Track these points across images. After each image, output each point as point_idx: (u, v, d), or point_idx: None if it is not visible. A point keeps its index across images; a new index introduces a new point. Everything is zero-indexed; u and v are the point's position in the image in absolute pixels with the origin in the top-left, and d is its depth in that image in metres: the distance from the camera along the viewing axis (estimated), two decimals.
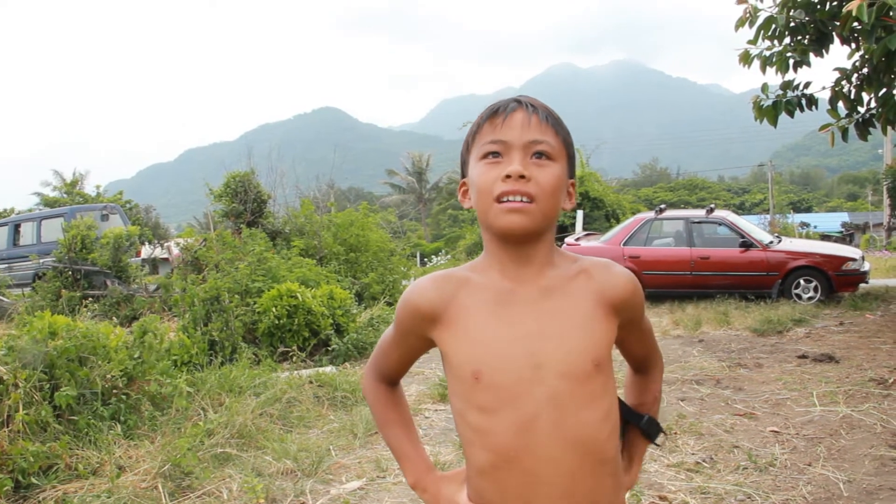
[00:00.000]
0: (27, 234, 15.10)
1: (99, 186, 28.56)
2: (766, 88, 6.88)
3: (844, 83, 6.75)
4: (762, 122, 6.88)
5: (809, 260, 9.14)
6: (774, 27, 6.42)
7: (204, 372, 5.17)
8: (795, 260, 9.18)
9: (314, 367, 6.13)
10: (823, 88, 6.81)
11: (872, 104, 6.79)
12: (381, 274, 10.54)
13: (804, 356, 5.93)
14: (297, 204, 12.56)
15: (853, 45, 6.40)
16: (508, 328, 1.08)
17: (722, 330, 7.58)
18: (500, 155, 1.08)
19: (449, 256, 23.95)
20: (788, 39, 6.63)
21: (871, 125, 6.88)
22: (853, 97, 6.74)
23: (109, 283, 10.12)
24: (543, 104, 1.12)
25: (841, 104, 6.77)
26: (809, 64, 6.66)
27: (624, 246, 9.97)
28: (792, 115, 6.84)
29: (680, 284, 9.70)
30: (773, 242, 9.69)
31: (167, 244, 14.96)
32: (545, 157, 1.08)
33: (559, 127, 1.11)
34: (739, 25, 6.53)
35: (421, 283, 1.16)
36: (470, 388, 1.08)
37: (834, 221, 39.14)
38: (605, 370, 1.09)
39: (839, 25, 5.61)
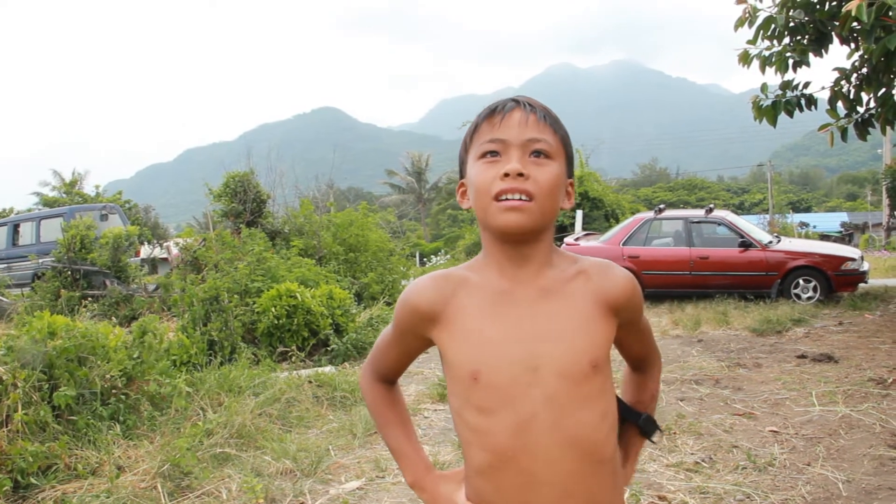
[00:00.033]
0: (26, 234, 15.10)
1: (98, 186, 28.52)
2: (765, 88, 6.88)
3: (844, 83, 6.76)
4: (761, 122, 6.89)
5: (808, 260, 9.14)
6: (774, 27, 6.42)
7: (203, 372, 5.18)
8: (795, 260, 9.19)
9: (313, 367, 6.13)
10: (823, 88, 6.82)
11: (872, 104, 6.80)
12: (380, 274, 10.55)
13: (803, 356, 5.93)
14: (296, 204, 12.55)
15: (852, 45, 6.41)
16: (506, 329, 1.08)
17: (721, 330, 7.58)
18: (498, 154, 1.08)
19: (448, 256, 23.95)
20: (788, 39, 6.64)
21: (870, 125, 6.88)
22: (852, 97, 6.75)
23: (109, 283, 10.11)
24: (541, 103, 1.12)
25: (840, 104, 6.78)
26: (809, 64, 6.66)
27: (623, 246, 9.97)
28: (791, 115, 6.85)
29: (679, 284, 9.70)
30: (772, 242, 9.69)
31: (166, 244, 14.97)
32: (543, 155, 1.08)
33: (557, 126, 1.11)
34: (739, 25, 6.53)
35: (420, 282, 1.16)
36: (468, 388, 1.08)
37: (833, 221, 39.13)
38: (602, 371, 1.09)
39: (838, 25, 5.61)
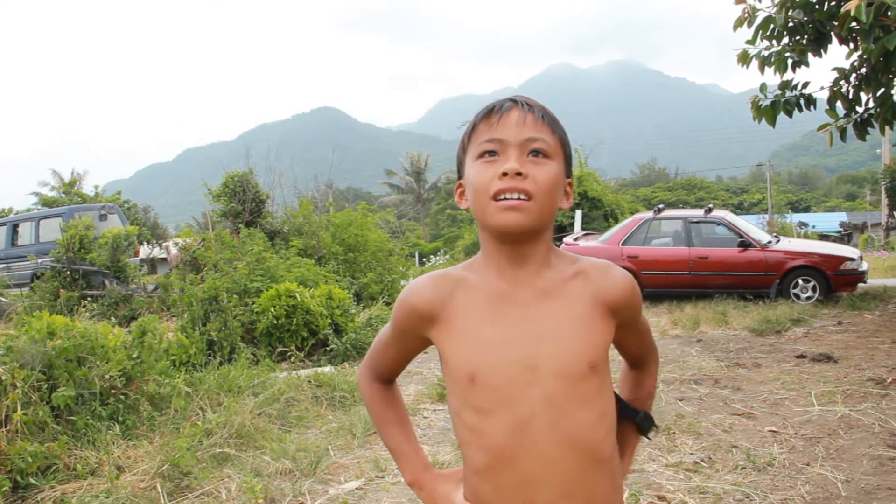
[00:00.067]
0: (25, 234, 15.09)
1: (97, 186, 28.46)
2: (764, 88, 6.89)
3: (843, 83, 6.77)
4: (760, 121, 6.89)
5: (808, 260, 9.15)
6: (773, 27, 6.43)
7: (202, 372, 5.17)
8: (794, 260, 9.19)
9: (313, 366, 6.13)
10: (822, 88, 6.83)
11: (871, 104, 6.80)
12: (379, 274, 10.55)
13: (802, 356, 5.93)
14: (295, 204, 12.55)
15: (851, 45, 6.41)
16: (504, 331, 1.08)
17: (720, 330, 7.58)
18: (496, 154, 1.07)
19: (447, 256, 23.94)
20: (787, 39, 6.64)
21: (869, 125, 6.89)
22: (851, 97, 6.75)
23: (108, 283, 10.11)
24: (539, 103, 1.12)
25: (839, 104, 6.78)
26: (808, 64, 6.67)
27: (622, 246, 9.97)
28: (790, 114, 6.86)
29: (678, 284, 9.70)
30: (771, 242, 9.70)
31: (165, 244, 14.96)
32: (541, 154, 1.07)
33: (555, 125, 1.11)
34: (738, 25, 6.53)
35: (418, 282, 1.16)
36: (466, 388, 1.08)
37: (832, 221, 39.13)
38: (601, 371, 1.09)
39: (837, 25, 5.61)
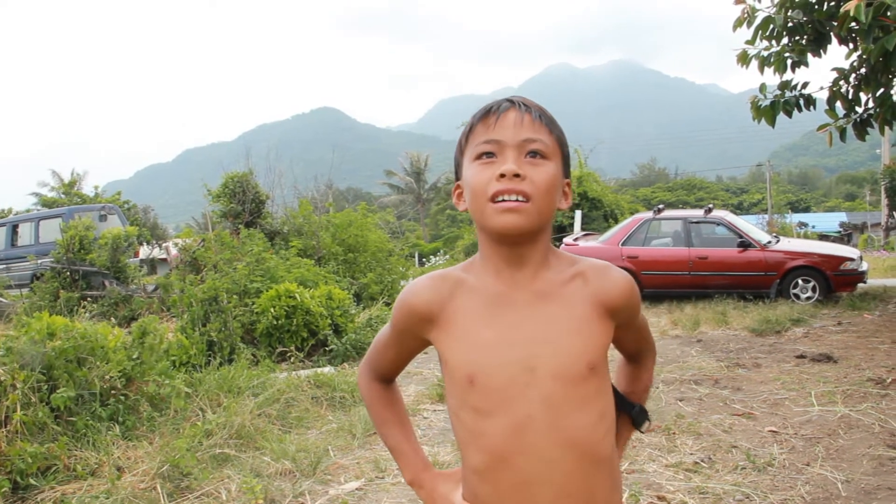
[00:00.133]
0: (25, 234, 15.09)
1: (97, 187, 28.46)
2: (764, 88, 6.89)
3: (842, 83, 6.77)
4: (760, 122, 6.89)
5: (807, 260, 9.15)
6: (772, 27, 6.43)
7: (202, 372, 5.17)
8: (793, 260, 9.19)
9: (312, 367, 6.13)
10: (821, 88, 6.83)
11: (870, 104, 6.80)
12: (379, 274, 10.54)
13: (802, 356, 5.93)
14: (295, 204, 12.54)
15: (851, 45, 6.41)
16: (503, 333, 1.08)
17: (720, 330, 7.58)
18: (493, 155, 1.07)
19: (447, 257, 23.94)
20: (786, 39, 6.64)
21: (868, 125, 6.89)
22: (851, 97, 6.75)
23: (108, 283, 10.11)
24: (536, 103, 1.12)
25: (839, 104, 6.78)
26: (807, 64, 6.67)
27: (622, 246, 9.97)
28: (790, 115, 6.86)
29: (678, 284, 9.70)
30: (771, 242, 9.70)
31: (165, 244, 14.95)
32: (539, 155, 1.07)
33: (553, 126, 1.11)
34: (737, 25, 6.53)
35: (417, 283, 1.16)
36: (464, 389, 1.08)
37: (832, 221, 39.12)
38: (599, 372, 1.09)
39: (837, 25, 5.61)
